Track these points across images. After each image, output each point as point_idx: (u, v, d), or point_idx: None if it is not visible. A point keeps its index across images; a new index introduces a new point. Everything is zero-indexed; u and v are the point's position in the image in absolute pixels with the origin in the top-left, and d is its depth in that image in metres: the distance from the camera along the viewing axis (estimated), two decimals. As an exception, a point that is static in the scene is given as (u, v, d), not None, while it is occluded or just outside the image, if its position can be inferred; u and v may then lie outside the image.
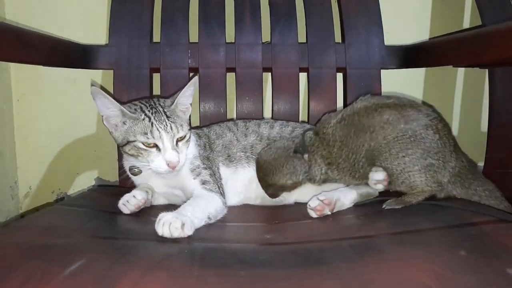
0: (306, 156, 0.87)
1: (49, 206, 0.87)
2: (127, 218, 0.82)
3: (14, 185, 1.26)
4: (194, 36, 1.15)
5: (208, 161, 0.92)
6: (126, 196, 0.84)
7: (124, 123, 0.84)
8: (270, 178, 0.87)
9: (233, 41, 1.15)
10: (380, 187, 0.84)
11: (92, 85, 1.00)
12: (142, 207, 0.85)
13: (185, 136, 0.86)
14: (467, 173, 0.85)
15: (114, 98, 0.83)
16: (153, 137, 0.81)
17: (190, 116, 0.93)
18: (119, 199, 0.84)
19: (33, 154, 1.26)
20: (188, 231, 0.68)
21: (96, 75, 1.23)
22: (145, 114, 0.83)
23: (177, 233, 0.67)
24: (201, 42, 1.14)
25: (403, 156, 0.80)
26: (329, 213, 0.82)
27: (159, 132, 0.82)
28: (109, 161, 1.18)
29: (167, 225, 0.68)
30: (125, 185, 0.97)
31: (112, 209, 0.84)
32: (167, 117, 0.84)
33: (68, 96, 1.25)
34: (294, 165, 0.86)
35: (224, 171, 0.94)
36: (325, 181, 0.89)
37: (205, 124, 1.09)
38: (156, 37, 1.15)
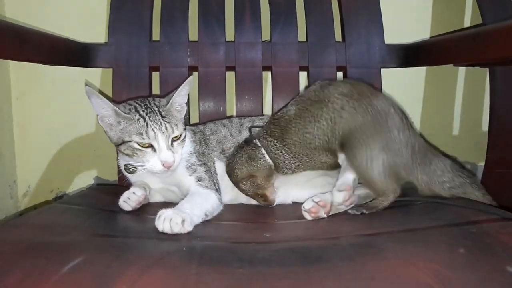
0: (256, 141, 0.89)
1: (47, 205, 0.87)
2: (126, 216, 0.82)
3: (13, 184, 1.25)
4: (193, 34, 1.15)
5: (204, 157, 0.92)
6: (126, 193, 0.84)
7: (119, 122, 0.84)
8: (234, 174, 0.89)
9: (233, 39, 1.15)
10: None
11: (86, 85, 1.00)
12: (142, 203, 0.85)
13: (180, 135, 0.86)
14: (426, 150, 0.86)
15: (108, 98, 0.83)
16: (148, 138, 0.81)
17: (189, 115, 0.93)
18: (118, 197, 0.84)
19: (32, 153, 1.26)
20: (188, 227, 0.69)
21: (96, 73, 1.23)
22: (140, 114, 0.83)
23: (177, 228, 0.68)
24: (200, 40, 1.14)
25: (365, 138, 0.80)
26: (325, 215, 0.80)
27: (154, 132, 0.81)
28: (108, 161, 1.17)
29: (168, 221, 0.68)
30: (124, 184, 0.96)
31: (111, 207, 0.84)
32: (162, 117, 0.84)
33: (67, 95, 1.25)
34: (248, 152, 0.88)
35: (219, 166, 0.94)
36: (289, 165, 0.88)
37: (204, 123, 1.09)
38: (156, 36, 1.14)
